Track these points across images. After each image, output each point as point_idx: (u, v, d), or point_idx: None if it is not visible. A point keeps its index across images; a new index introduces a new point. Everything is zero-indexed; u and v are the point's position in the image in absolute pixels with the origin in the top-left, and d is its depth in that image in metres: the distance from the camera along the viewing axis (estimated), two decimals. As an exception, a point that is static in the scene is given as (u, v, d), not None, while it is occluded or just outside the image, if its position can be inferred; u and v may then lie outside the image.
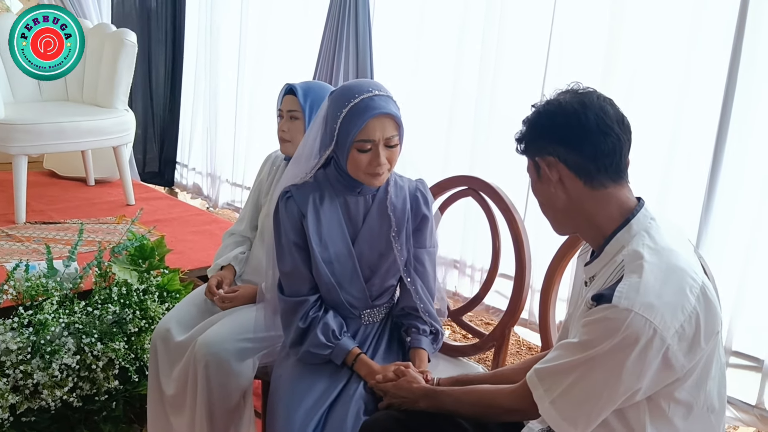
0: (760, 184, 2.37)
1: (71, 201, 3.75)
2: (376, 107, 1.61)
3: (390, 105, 1.63)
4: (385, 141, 1.63)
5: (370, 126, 1.61)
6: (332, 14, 3.55)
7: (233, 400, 1.90)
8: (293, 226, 1.71)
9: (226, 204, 4.66)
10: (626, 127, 1.30)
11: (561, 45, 2.85)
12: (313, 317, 1.72)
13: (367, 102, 1.61)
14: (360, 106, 1.61)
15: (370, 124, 1.61)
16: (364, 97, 1.61)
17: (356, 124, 1.60)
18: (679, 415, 1.28)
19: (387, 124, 1.63)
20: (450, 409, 1.50)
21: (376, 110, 1.60)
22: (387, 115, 1.62)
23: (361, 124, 1.60)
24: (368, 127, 1.61)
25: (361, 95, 1.61)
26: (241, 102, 4.49)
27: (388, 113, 1.62)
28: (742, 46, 2.32)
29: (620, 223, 1.30)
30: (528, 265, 1.93)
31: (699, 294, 1.23)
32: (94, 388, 2.22)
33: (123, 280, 2.34)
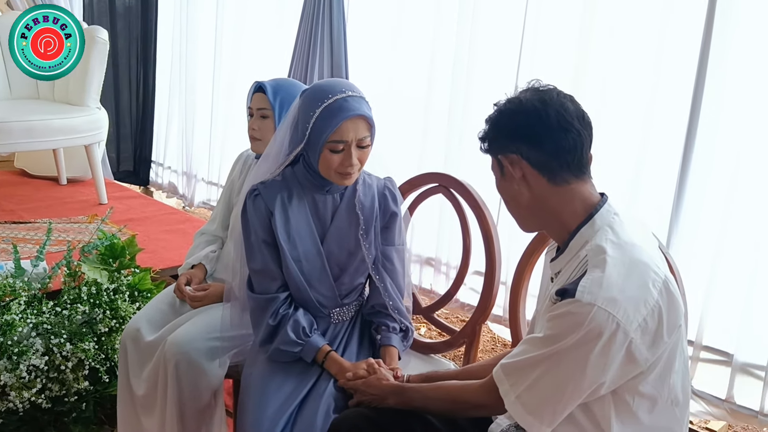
0: (729, 181, 2.39)
1: (42, 200, 3.71)
2: (350, 109, 1.61)
3: (363, 106, 1.63)
4: (357, 142, 1.64)
5: (343, 127, 1.61)
6: (307, 12, 3.54)
7: (204, 400, 1.88)
8: (262, 223, 1.70)
9: (201, 203, 4.63)
10: (587, 123, 1.31)
11: (534, 43, 2.87)
12: (283, 314, 1.71)
13: (340, 103, 1.61)
14: (334, 107, 1.60)
15: (344, 125, 1.61)
16: (338, 98, 1.61)
17: (329, 125, 1.60)
18: (644, 409, 1.29)
19: (360, 125, 1.63)
20: (418, 406, 1.50)
21: (350, 112, 1.60)
22: (360, 117, 1.62)
23: (334, 126, 1.60)
24: (341, 128, 1.61)
25: (335, 96, 1.61)
26: (216, 100, 4.46)
27: (361, 115, 1.62)
28: (710, 48, 2.35)
29: (584, 218, 1.31)
30: (498, 261, 1.93)
31: (662, 288, 1.24)
32: (64, 389, 2.19)
33: (93, 280, 2.31)
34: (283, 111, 1.96)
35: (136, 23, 4.83)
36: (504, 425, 1.42)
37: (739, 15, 2.31)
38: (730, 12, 2.31)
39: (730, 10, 2.31)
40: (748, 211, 2.37)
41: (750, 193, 2.36)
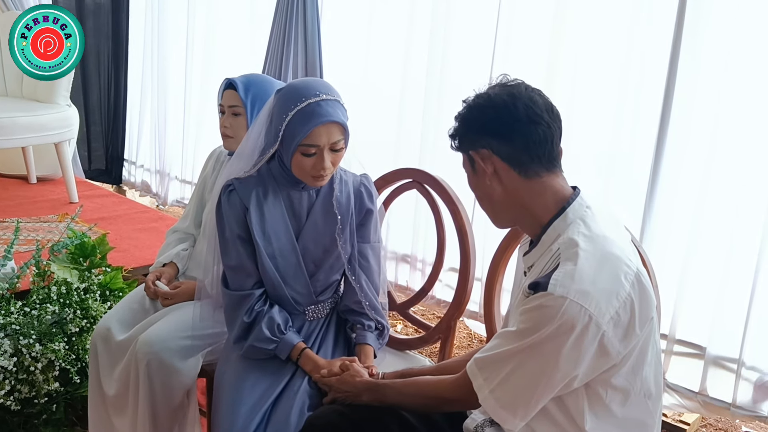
0: (701, 176, 2.41)
1: (11, 199, 3.64)
2: (323, 114, 1.58)
3: (337, 111, 1.61)
4: (330, 146, 1.61)
5: (315, 133, 1.58)
6: (280, 8, 3.51)
7: (176, 399, 1.86)
8: (237, 219, 1.68)
9: (175, 201, 4.58)
10: (556, 116, 1.31)
11: (508, 38, 2.87)
12: (258, 311, 1.70)
13: (314, 107, 1.58)
14: (307, 111, 1.58)
15: (316, 131, 1.58)
16: (311, 102, 1.58)
17: (302, 129, 1.58)
18: (617, 402, 1.29)
19: (333, 130, 1.60)
20: (393, 402, 1.50)
21: (322, 118, 1.58)
22: (333, 123, 1.60)
23: (307, 131, 1.58)
24: (314, 133, 1.58)
25: (308, 99, 1.58)
26: (189, 98, 4.40)
27: (334, 121, 1.59)
28: (681, 43, 2.37)
29: (556, 212, 1.31)
30: (473, 257, 1.93)
31: (634, 280, 1.25)
32: (33, 390, 2.16)
33: (62, 279, 2.27)
34: (255, 108, 1.93)
35: (107, 20, 4.76)
36: (479, 420, 1.42)
37: (711, 3, 2.32)
38: (702, 2, 2.33)
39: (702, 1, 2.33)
40: (720, 206, 2.39)
41: (723, 188, 2.38)
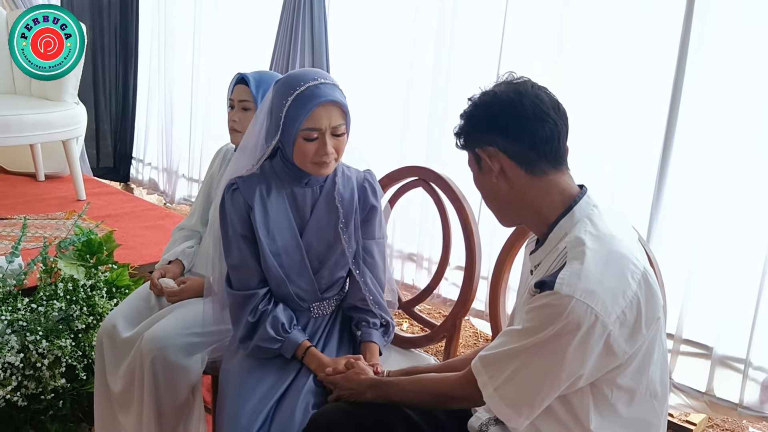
0: (709, 175, 2.40)
1: (19, 197, 3.65)
2: (322, 95, 1.59)
3: (336, 93, 1.62)
4: (331, 129, 1.61)
5: (316, 114, 1.59)
6: (287, 6, 3.51)
7: (182, 396, 1.86)
8: (240, 218, 1.68)
9: (182, 199, 4.59)
10: (562, 113, 1.30)
11: (515, 35, 2.87)
12: (262, 311, 1.69)
13: (312, 90, 1.59)
14: (305, 94, 1.59)
15: (316, 112, 1.59)
16: (309, 85, 1.59)
17: (302, 112, 1.58)
18: (623, 401, 1.29)
19: (333, 112, 1.61)
20: (397, 399, 1.49)
21: (322, 98, 1.58)
22: (333, 103, 1.60)
23: (307, 113, 1.58)
24: (314, 115, 1.59)
25: (307, 83, 1.59)
26: (196, 96, 4.42)
27: (334, 101, 1.60)
28: (689, 42, 2.36)
29: (563, 210, 1.30)
30: (478, 255, 1.92)
31: (640, 280, 1.24)
32: (40, 386, 2.16)
33: (69, 276, 2.28)
34: (265, 104, 1.93)
35: (115, 18, 4.77)
36: (483, 418, 1.41)
37: (719, 1, 2.31)
38: (710, 1, 2.32)
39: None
40: (727, 205, 2.38)
41: (730, 188, 2.37)
